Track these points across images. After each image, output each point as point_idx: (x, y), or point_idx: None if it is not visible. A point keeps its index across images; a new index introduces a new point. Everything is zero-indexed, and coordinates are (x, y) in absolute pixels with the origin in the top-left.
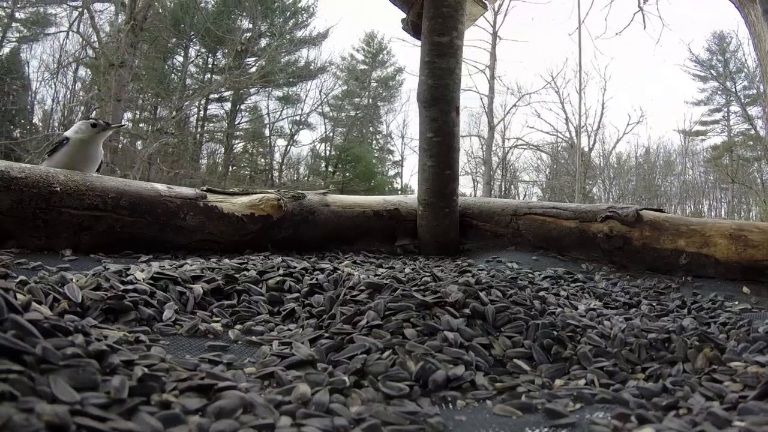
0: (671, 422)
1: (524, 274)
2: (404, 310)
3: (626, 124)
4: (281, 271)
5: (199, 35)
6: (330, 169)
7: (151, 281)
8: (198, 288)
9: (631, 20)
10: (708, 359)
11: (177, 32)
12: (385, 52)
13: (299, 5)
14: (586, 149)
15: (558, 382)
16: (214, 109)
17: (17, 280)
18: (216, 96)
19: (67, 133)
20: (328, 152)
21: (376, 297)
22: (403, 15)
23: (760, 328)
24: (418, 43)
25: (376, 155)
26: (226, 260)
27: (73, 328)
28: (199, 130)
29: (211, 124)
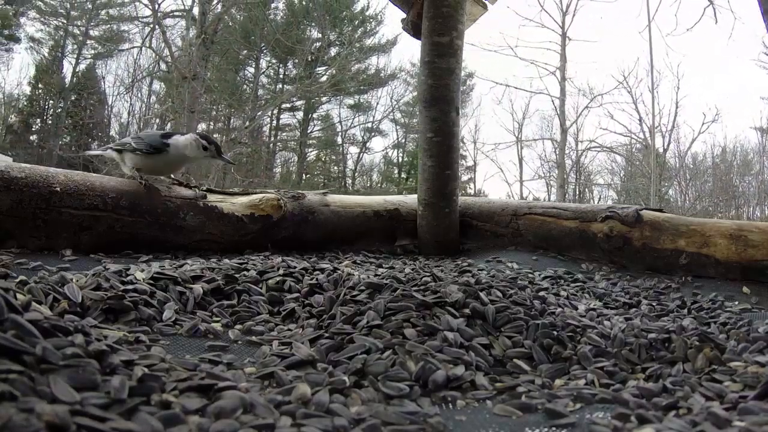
0: (671, 422)
1: (524, 274)
2: (404, 310)
3: (701, 123)
4: (281, 271)
5: (269, 46)
6: (403, 175)
7: (151, 281)
8: (198, 288)
9: (701, 15)
10: (708, 359)
11: (247, 44)
12: None
13: (367, 14)
14: (661, 150)
15: (558, 382)
16: (286, 118)
17: (17, 280)
18: (288, 105)
19: (178, 143)
20: (400, 158)
21: (376, 297)
22: (404, 15)
23: (760, 328)
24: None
25: None
26: (226, 260)
27: (73, 328)
28: (272, 139)
29: (284, 134)
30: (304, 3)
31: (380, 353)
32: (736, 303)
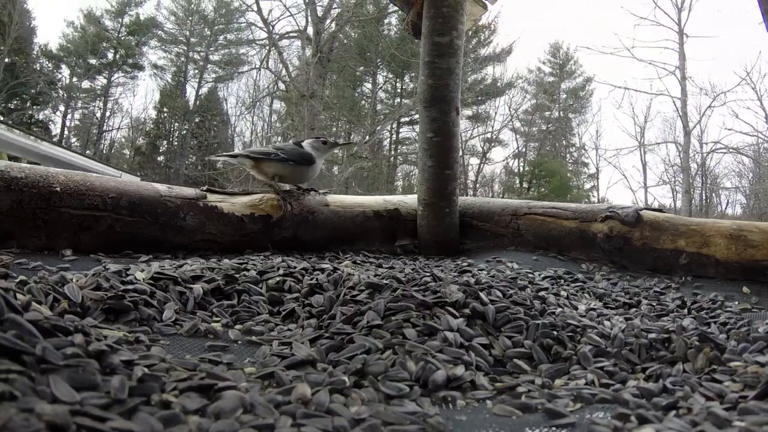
0: (671, 422)
1: (524, 274)
2: (404, 310)
3: None
4: (281, 271)
5: (384, 62)
6: (525, 185)
7: (151, 281)
8: (198, 288)
9: None
10: (708, 359)
11: (363, 61)
12: (572, 62)
13: (480, 24)
14: None
15: (558, 382)
16: (406, 131)
17: (17, 280)
18: (407, 119)
19: (309, 150)
20: (521, 168)
21: (376, 297)
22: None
23: (760, 328)
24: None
25: (571, 169)
26: (226, 260)
27: (73, 328)
28: (392, 153)
29: (404, 147)
30: None
31: (380, 353)
32: (736, 303)
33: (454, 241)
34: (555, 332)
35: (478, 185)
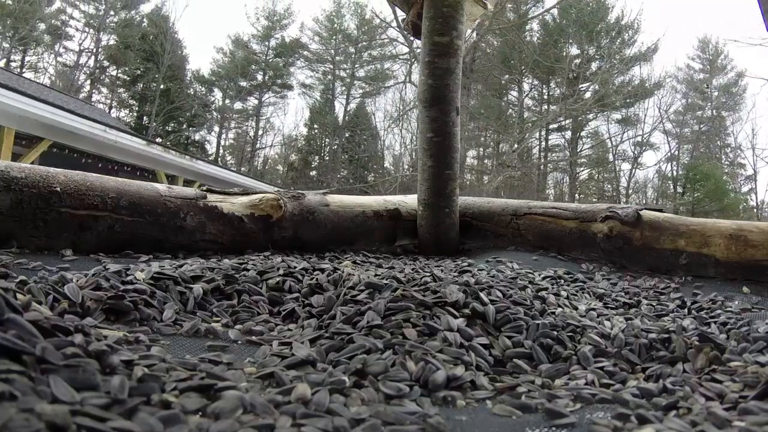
0: (671, 422)
1: (524, 274)
2: (404, 310)
3: None
4: (281, 271)
5: (529, 68)
6: (679, 189)
7: (151, 281)
8: (198, 288)
9: None
10: (708, 359)
11: (507, 69)
12: (722, 56)
13: (622, 23)
14: None
15: (558, 382)
16: (555, 138)
17: (17, 280)
18: (555, 126)
19: None
20: (675, 172)
21: (376, 297)
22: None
23: (760, 328)
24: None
25: (726, 171)
26: (226, 260)
27: (73, 328)
28: (542, 160)
29: (554, 154)
30: (557, 21)
31: (380, 353)
32: (736, 303)
33: (454, 241)
34: (555, 332)
35: (630, 191)
